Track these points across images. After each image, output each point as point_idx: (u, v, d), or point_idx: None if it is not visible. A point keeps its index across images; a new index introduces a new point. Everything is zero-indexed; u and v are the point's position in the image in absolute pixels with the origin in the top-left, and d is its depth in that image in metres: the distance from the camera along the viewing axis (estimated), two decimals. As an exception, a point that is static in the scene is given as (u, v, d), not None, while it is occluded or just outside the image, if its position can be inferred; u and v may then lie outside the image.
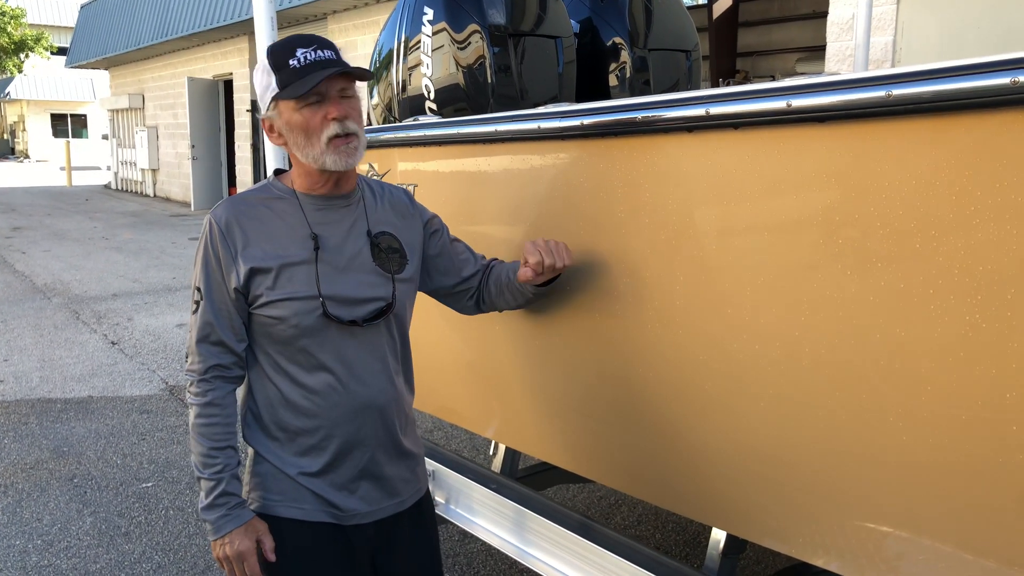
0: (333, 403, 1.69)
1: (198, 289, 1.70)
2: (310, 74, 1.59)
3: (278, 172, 1.80)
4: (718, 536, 2.07)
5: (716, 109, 1.49)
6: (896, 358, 1.38)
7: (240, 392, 1.78)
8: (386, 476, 1.77)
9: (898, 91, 1.21)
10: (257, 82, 1.68)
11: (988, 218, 1.19)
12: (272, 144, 1.81)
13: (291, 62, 1.61)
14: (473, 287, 2.00)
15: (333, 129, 1.61)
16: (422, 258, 1.89)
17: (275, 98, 1.64)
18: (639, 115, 1.68)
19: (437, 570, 1.94)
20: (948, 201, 1.24)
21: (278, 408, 1.71)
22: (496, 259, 2.06)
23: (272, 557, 1.68)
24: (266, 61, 1.66)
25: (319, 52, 1.62)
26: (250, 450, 1.78)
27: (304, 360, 1.68)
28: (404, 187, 1.95)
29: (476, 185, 2.30)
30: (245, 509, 1.69)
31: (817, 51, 6.60)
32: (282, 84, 1.61)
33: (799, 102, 1.35)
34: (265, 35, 2.68)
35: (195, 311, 1.70)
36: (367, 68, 1.83)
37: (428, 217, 1.93)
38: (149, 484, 4.03)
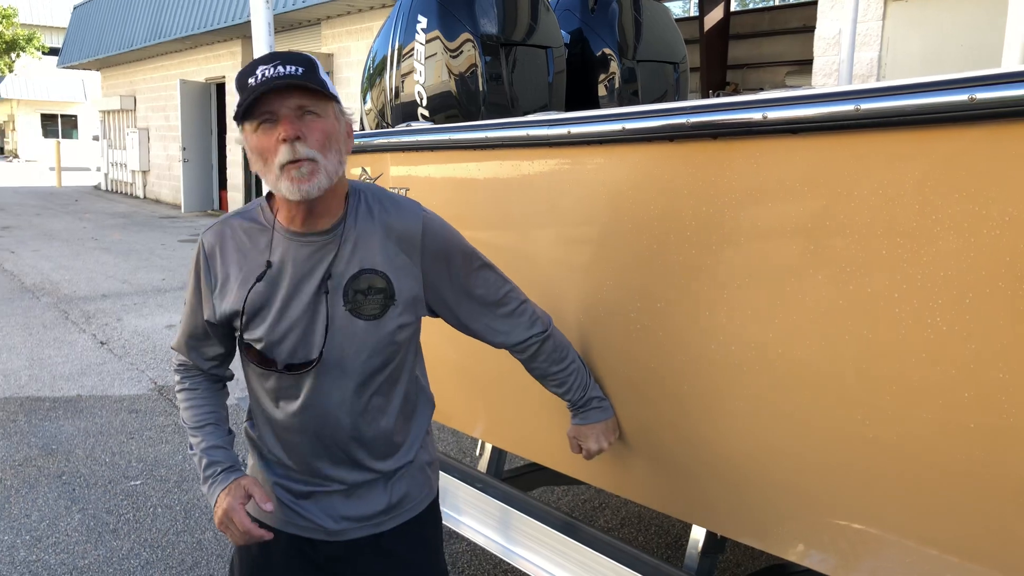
0: (295, 429, 1.66)
1: (185, 302, 1.73)
2: (260, 91, 1.45)
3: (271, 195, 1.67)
4: (697, 535, 2.12)
5: (696, 119, 1.55)
6: (869, 360, 1.44)
7: None
8: (357, 498, 1.71)
9: (866, 105, 1.28)
10: None
11: (948, 227, 1.26)
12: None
13: (250, 80, 1.47)
14: (505, 346, 1.84)
15: (284, 154, 1.46)
16: (440, 298, 1.72)
17: (236, 119, 1.51)
18: (623, 125, 1.74)
19: None
20: (912, 210, 1.30)
21: (256, 420, 1.74)
22: (548, 332, 1.84)
23: (267, 507, 1.63)
24: (235, 82, 1.52)
25: (279, 68, 1.45)
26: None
27: (273, 390, 1.66)
28: (421, 213, 1.68)
29: (466, 190, 2.36)
30: (231, 472, 1.66)
31: (806, 65, 6.69)
32: (238, 105, 1.48)
33: (774, 114, 1.42)
34: (263, 40, 2.74)
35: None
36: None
37: (451, 253, 1.70)
38: (137, 482, 4.05)
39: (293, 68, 1.46)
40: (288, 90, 1.46)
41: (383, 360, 1.64)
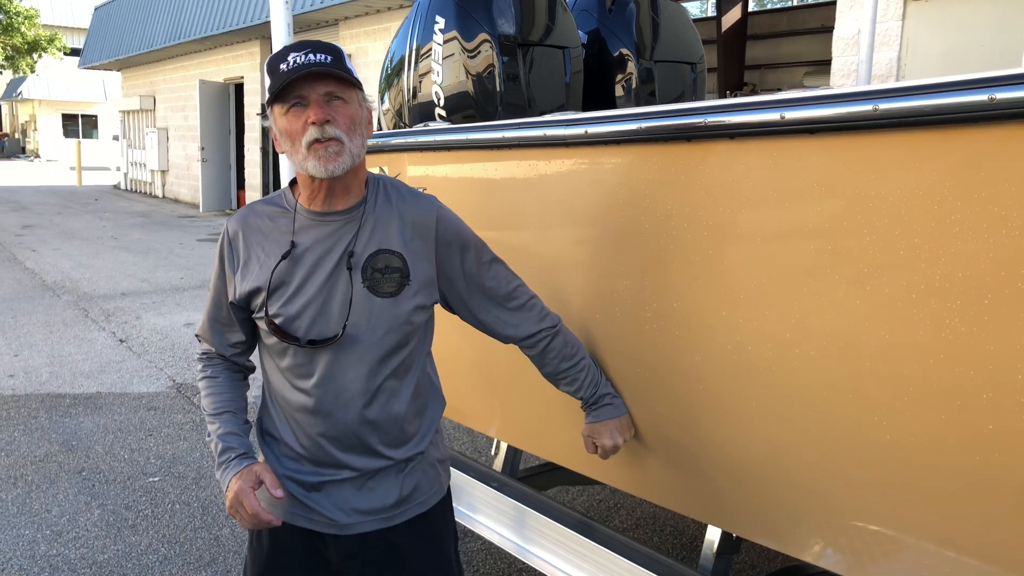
0: (309, 410, 1.68)
1: (210, 288, 1.79)
2: (292, 77, 1.55)
3: (295, 182, 1.74)
4: (713, 536, 2.12)
5: (713, 119, 1.55)
6: (884, 360, 1.43)
7: None
8: (368, 490, 1.73)
9: (884, 105, 1.28)
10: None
11: (968, 228, 1.26)
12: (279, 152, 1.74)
13: (281, 66, 1.56)
14: (514, 340, 1.89)
15: (312, 134, 1.55)
16: (452, 287, 1.79)
17: (267, 103, 1.62)
18: (641, 125, 1.74)
19: None
20: (931, 211, 1.30)
21: (269, 409, 1.78)
22: (557, 328, 1.90)
23: (278, 493, 1.65)
24: (266, 66, 1.63)
25: (310, 55, 1.56)
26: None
27: (289, 368, 1.69)
28: (436, 204, 1.77)
29: (483, 190, 2.37)
30: (245, 459, 1.68)
31: (824, 65, 6.66)
32: (270, 89, 1.58)
33: (792, 115, 1.42)
34: (282, 40, 2.76)
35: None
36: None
37: (464, 245, 1.78)
38: (156, 478, 4.09)
39: (323, 56, 1.56)
40: (318, 77, 1.56)
41: (397, 340, 1.69)
